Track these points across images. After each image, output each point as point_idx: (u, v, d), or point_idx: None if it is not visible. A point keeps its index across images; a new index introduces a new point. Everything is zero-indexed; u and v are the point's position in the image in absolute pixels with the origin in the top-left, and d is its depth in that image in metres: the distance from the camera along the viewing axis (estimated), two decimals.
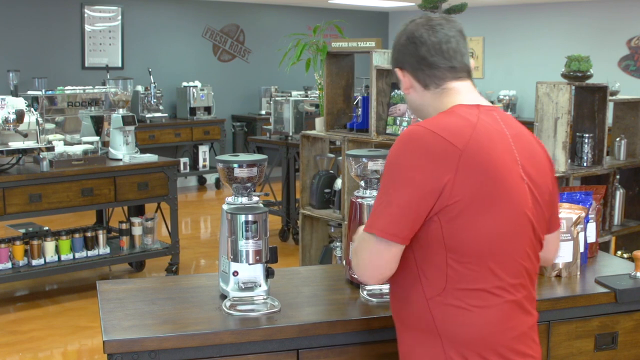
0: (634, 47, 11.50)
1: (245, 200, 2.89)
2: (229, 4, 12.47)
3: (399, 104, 5.62)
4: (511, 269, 2.20)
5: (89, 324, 5.95)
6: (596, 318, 3.01)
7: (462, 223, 2.11)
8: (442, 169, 2.09)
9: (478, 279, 2.16)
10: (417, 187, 2.10)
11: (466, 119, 2.19)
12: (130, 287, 3.07)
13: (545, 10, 12.23)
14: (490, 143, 2.16)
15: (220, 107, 12.00)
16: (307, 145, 6.33)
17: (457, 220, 2.11)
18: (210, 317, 2.71)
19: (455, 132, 2.13)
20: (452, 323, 2.18)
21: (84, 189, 6.43)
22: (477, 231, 2.12)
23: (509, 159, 2.19)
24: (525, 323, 2.26)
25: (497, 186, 2.13)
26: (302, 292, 3.03)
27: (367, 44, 5.77)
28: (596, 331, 3.01)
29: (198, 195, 11.96)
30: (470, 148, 2.11)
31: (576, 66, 5.62)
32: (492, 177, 2.13)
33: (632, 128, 6.16)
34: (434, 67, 2.29)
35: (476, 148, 2.12)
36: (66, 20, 10.90)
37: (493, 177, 2.13)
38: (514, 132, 2.27)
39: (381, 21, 14.40)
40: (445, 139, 2.11)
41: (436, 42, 2.28)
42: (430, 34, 2.28)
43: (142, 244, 7.06)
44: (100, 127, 7.18)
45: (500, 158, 2.16)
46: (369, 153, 3.10)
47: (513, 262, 2.20)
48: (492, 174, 2.13)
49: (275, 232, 8.69)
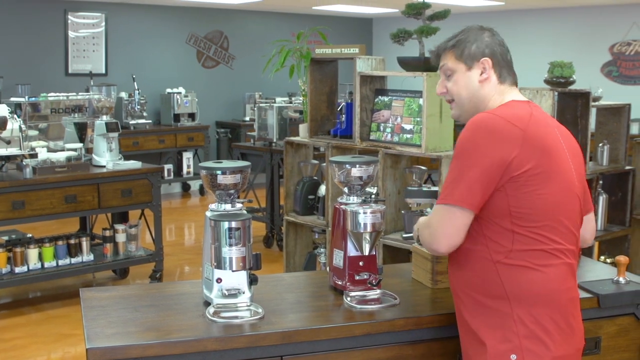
0: (617, 53, 11.55)
1: (228, 207, 2.89)
2: (213, 10, 12.47)
3: (382, 110, 5.63)
4: (566, 235, 2.52)
5: (73, 332, 5.93)
6: None
7: (526, 192, 2.43)
8: (510, 146, 2.42)
9: (540, 242, 2.47)
10: (489, 161, 2.42)
11: (523, 109, 2.56)
12: (113, 295, 3.06)
13: (528, 16, 12.28)
14: (544, 128, 2.54)
15: (204, 113, 11.99)
16: (291, 151, 6.32)
17: (522, 189, 2.43)
18: (194, 324, 2.70)
19: (517, 117, 2.49)
20: (520, 282, 2.47)
21: (67, 196, 6.41)
22: (538, 199, 2.44)
23: (558, 143, 2.56)
24: (576, 289, 2.60)
25: (552, 163, 2.48)
26: (286, 299, 3.02)
27: (350, 50, 5.77)
28: None
29: (182, 202, 11.94)
30: (530, 130, 2.46)
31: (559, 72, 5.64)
32: (547, 155, 2.47)
33: (614, 134, 6.19)
34: (511, 68, 2.70)
35: (534, 130, 2.48)
36: (50, 26, 10.88)
37: (549, 155, 2.47)
38: (557, 125, 2.66)
39: (365, 27, 14.42)
40: (510, 122, 2.46)
41: (507, 50, 2.71)
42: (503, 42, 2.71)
43: (126, 251, 7.04)
44: (83, 133, 7.16)
45: (553, 141, 2.53)
46: (352, 159, 3.11)
47: (567, 230, 2.53)
48: (547, 153, 2.47)
49: (259, 239, 8.68)
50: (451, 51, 2.69)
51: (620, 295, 3.06)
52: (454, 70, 2.68)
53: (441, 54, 2.74)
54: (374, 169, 3.11)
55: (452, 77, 2.70)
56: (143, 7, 11.74)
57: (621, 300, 3.06)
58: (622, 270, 3.18)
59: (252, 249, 2.79)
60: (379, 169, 5.39)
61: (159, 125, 11.57)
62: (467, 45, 2.66)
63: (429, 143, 5.18)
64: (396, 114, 5.52)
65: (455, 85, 2.69)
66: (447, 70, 2.72)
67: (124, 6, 11.50)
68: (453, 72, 2.69)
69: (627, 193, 6.20)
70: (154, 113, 11.72)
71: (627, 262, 3.24)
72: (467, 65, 2.66)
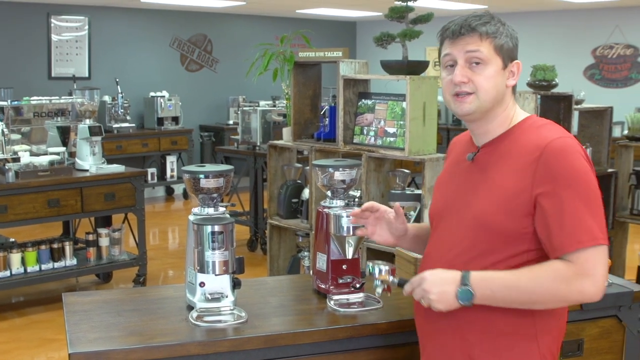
0: (599, 56, 11.62)
1: (211, 211, 2.88)
2: (197, 13, 12.46)
3: (366, 113, 5.64)
4: None
5: (56, 337, 5.90)
6: None
7: None
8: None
9: None
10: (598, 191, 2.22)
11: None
12: (96, 299, 3.05)
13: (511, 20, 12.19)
14: None
15: (187, 117, 11.97)
16: (274, 155, 6.32)
17: None
18: (177, 328, 2.70)
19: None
20: (550, 317, 2.29)
21: (50, 200, 6.39)
22: None
23: None
24: None
25: None
26: (269, 303, 3.02)
27: (334, 53, 5.77)
28: None
29: (166, 206, 11.92)
30: None
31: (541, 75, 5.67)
32: None
33: (597, 136, 6.22)
34: None
35: None
36: (32, 30, 10.84)
37: None
38: None
39: (349, 31, 14.44)
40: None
41: None
42: None
43: (109, 255, 7.02)
44: (66, 137, 7.13)
45: None
46: (335, 163, 3.11)
47: None
48: None
49: (243, 242, 8.67)
50: (489, 38, 2.30)
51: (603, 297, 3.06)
52: (488, 62, 2.29)
53: (466, 34, 2.32)
54: (357, 172, 3.11)
55: (482, 68, 2.29)
56: (126, 10, 11.71)
57: (603, 302, 3.05)
58: None
59: (235, 253, 2.79)
60: (363, 173, 5.39)
61: (142, 129, 11.54)
62: (507, 40, 2.33)
63: (412, 146, 5.19)
64: (379, 117, 5.52)
65: (486, 80, 2.29)
66: (476, 58, 2.29)
67: (108, 9, 11.48)
68: (487, 63, 2.29)
69: (610, 195, 6.24)
70: (138, 117, 11.70)
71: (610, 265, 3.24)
72: (504, 62, 2.31)
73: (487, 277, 2.21)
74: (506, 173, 2.27)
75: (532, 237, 2.23)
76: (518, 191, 2.21)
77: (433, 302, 2.24)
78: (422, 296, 2.27)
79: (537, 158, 2.20)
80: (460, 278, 2.22)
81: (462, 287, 2.20)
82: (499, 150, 2.34)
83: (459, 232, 2.34)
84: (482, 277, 2.21)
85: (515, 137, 2.32)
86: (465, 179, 2.41)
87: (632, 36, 11.31)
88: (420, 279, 2.28)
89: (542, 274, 2.17)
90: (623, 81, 11.44)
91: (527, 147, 2.25)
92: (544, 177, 2.17)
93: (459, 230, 2.35)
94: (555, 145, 2.19)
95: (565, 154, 2.18)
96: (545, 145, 2.20)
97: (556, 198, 2.16)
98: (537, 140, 2.24)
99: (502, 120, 2.36)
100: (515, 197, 2.21)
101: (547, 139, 2.22)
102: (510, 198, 2.22)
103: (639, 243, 8.77)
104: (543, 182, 2.17)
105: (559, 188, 2.16)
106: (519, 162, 2.24)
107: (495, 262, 2.25)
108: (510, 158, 2.28)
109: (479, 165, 2.37)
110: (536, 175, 2.19)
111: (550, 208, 2.16)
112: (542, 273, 2.17)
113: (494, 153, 2.34)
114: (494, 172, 2.31)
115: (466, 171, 2.42)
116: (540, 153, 2.19)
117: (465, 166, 2.43)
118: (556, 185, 2.16)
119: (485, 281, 2.21)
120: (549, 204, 2.16)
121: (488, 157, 2.35)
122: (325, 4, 11.34)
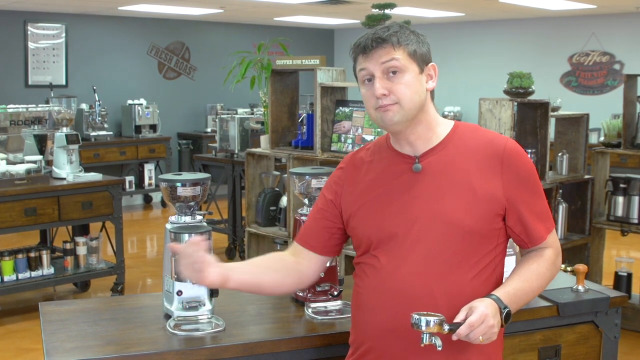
0: (576, 63, 11.69)
1: (188, 219, 2.88)
2: (174, 21, 12.44)
3: (343, 121, 5.65)
4: None
5: (33, 346, 5.86)
6: (539, 332, 3.04)
7: None
8: None
9: None
10: None
11: None
12: (73, 309, 3.04)
13: (488, 27, 12.38)
14: None
15: (165, 125, 11.94)
16: (252, 162, 6.32)
17: None
18: (154, 337, 2.69)
19: None
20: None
21: (27, 209, 6.35)
22: None
23: None
24: None
25: None
26: (247, 311, 3.01)
27: (311, 61, 5.78)
28: (539, 344, 3.04)
29: (144, 214, 11.88)
30: None
31: (518, 82, 5.69)
32: None
33: (573, 143, 6.25)
34: None
35: None
36: (9, 37, 10.79)
37: None
38: None
39: (326, 38, 14.46)
40: None
41: None
42: None
43: (87, 264, 6.98)
44: (43, 146, 7.10)
45: None
46: (313, 171, 3.11)
47: None
48: None
49: (221, 250, 8.66)
50: (402, 46, 2.27)
51: (580, 303, 3.08)
52: (405, 69, 2.26)
53: (379, 46, 2.28)
54: None
55: (400, 76, 2.25)
56: (104, 18, 11.68)
57: (580, 308, 3.09)
58: (581, 278, 3.21)
59: None
60: None
61: (120, 137, 11.51)
62: (419, 45, 2.31)
63: None
64: (357, 124, 5.53)
65: (407, 87, 2.25)
66: (393, 67, 2.26)
67: (85, 17, 11.44)
68: (404, 70, 2.26)
69: (587, 202, 6.26)
70: (115, 125, 11.66)
71: (586, 271, 3.27)
72: (419, 67, 2.29)
73: (511, 293, 2.24)
74: (470, 175, 2.29)
75: (499, 232, 2.34)
76: (489, 193, 2.28)
77: (494, 335, 2.14)
78: (486, 332, 2.11)
79: (500, 161, 2.31)
80: (495, 302, 2.18)
81: (505, 310, 2.18)
82: (446, 155, 2.33)
83: (434, 244, 2.27)
84: (508, 294, 2.23)
85: (457, 141, 2.35)
86: (419, 190, 2.32)
87: (608, 43, 11.39)
88: (481, 315, 2.11)
89: (542, 269, 2.36)
90: (599, 88, 11.52)
91: (480, 148, 2.33)
92: (512, 180, 2.31)
93: (432, 242, 2.27)
94: (511, 148, 2.33)
95: (521, 154, 2.35)
96: (503, 148, 2.32)
97: (526, 196, 2.33)
98: (487, 143, 2.34)
99: (428, 123, 2.35)
100: (488, 199, 2.28)
101: (499, 141, 2.35)
102: (481, 200, 2.27)
103: (615, 249, 8.83)
104: (512, 185, 2.31)
105: (526, 188, 2.34)
106: (479, 164, 2.30)
107: (475, 262, 2.28)
108: (466, 161, 2.31)
109: (430, 173, 2.32)
110: (504, 178, 2.30)
111: (524, 206, 2.33)
112: (541, 268, 2.35)
113: (442, 159, 2.33)
114: (454, 177, 2.30)
115: (415, 182, 2.33)
116: (501, 156, 2.31)
117: (408, 178, 2.34)
118: (524, 186, 2.33)
119: (510, 297, 2.23)
120: (522, 203, 2.33)
121: (436, 163, 2.33)
122: (303, 12, 11.36)
